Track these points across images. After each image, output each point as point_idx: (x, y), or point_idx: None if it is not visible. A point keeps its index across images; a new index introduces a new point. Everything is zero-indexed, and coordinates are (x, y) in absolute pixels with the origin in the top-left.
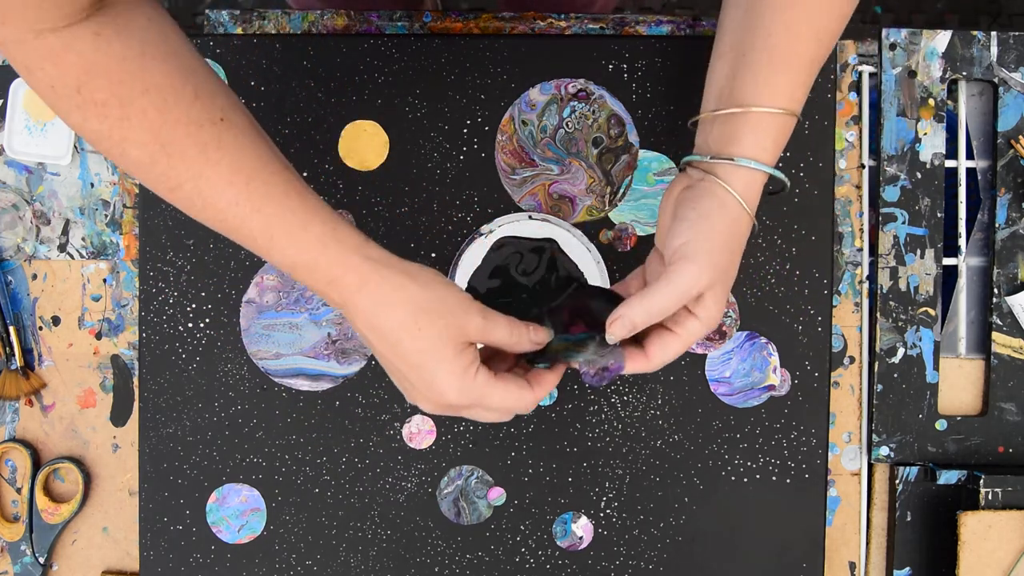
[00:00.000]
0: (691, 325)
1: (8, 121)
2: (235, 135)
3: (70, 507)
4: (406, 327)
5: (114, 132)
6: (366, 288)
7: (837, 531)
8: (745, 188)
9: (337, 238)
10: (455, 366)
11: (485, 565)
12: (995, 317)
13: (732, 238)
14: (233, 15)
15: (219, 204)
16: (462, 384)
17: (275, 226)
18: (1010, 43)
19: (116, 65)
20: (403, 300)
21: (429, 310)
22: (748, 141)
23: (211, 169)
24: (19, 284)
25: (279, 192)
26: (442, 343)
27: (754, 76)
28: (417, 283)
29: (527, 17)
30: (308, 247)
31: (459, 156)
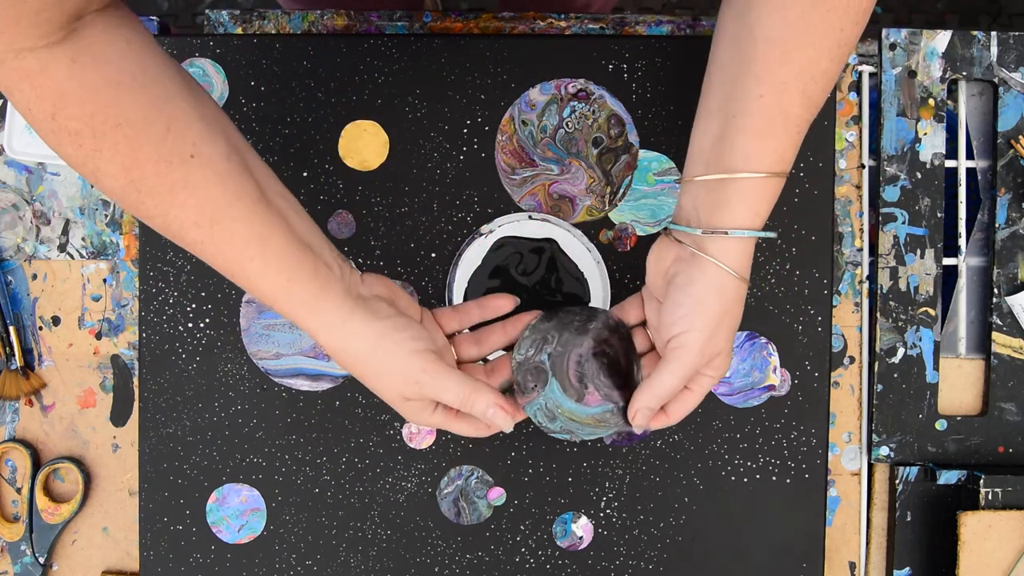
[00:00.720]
0: (704, 381)
1: (8, 121)
2: (204, 174)
3: (70, 507)
4: (359, 375)
5: (87, 162)
6: (318, 338)
7: (837, 531)
8: (739, 257)
9: (289, 292)
10: (410, 407)
11: (485, 565)
12: (995, 317)
13: (729, 311)
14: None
15: (186, 240)
16: (421, 418)
17: (235, 271)
18: (1010, 43)
19: (89, 95)
20: (353, 358)
21: (376, 370)
22: (741, 210)
23: (178, 209)
24: (19, 284)
25: (241, 240)
26: (392, 393)
27: (745, 140)
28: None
29: (527, 17)
30: (265, 295)
31: (459, 156)
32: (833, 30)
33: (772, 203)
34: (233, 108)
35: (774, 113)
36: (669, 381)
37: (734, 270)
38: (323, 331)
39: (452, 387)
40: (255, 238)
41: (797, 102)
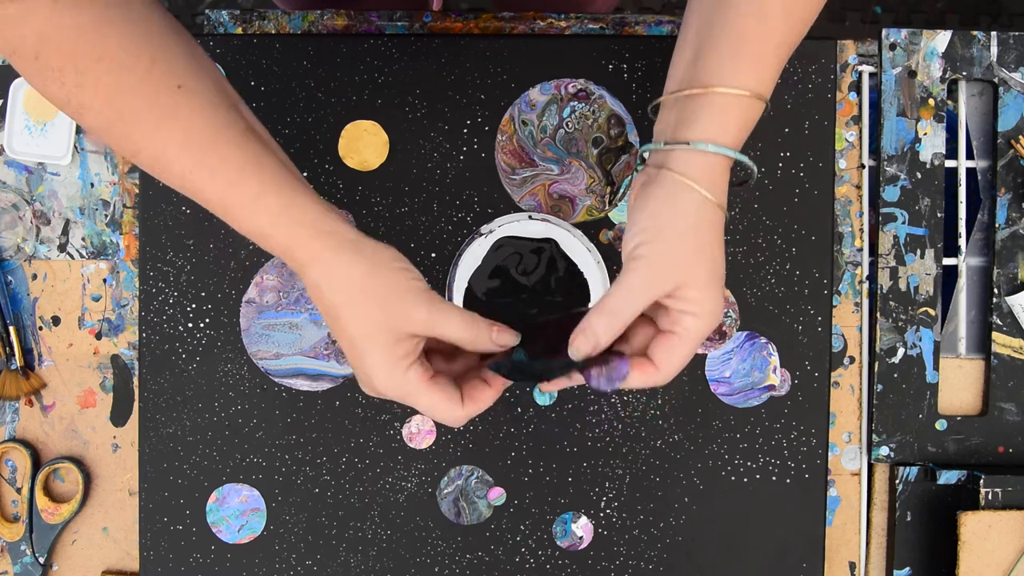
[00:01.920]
0: (687, 321)
1: (8, 121)
2: (192, 105)
3: (70, 507)
4: (347, 307)
5: (72, 98)
6: (314, 264)
7: (837, 531)
8: (704, 174)
9: (290, 213)
10: (387, 357)
11: (485, 565)
12: (995, 317)
13: (693, 229)
14: (233, 15)
15: (175, 171)
16: (391, 376)
17: (228, 197)
18: (1010, 43)
19: (71, 34)
20: (347, 281)
21: (372, 295)
22: (706, 123)
23: (166, 138)
24: (19, 284)
25: (233, 165)
26: (378, 330)
27: (719, 56)
28: (366, 264)
29: (527, 17)
30: (259, 220)
31: (459, 156)
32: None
33: (745, 126)
34: None
35: (752, 31)
36: (620, 295)
37: (700, 186)
38: (325, 254)
39: (456, 317)
40: (249, 162)
41: (779, 21)
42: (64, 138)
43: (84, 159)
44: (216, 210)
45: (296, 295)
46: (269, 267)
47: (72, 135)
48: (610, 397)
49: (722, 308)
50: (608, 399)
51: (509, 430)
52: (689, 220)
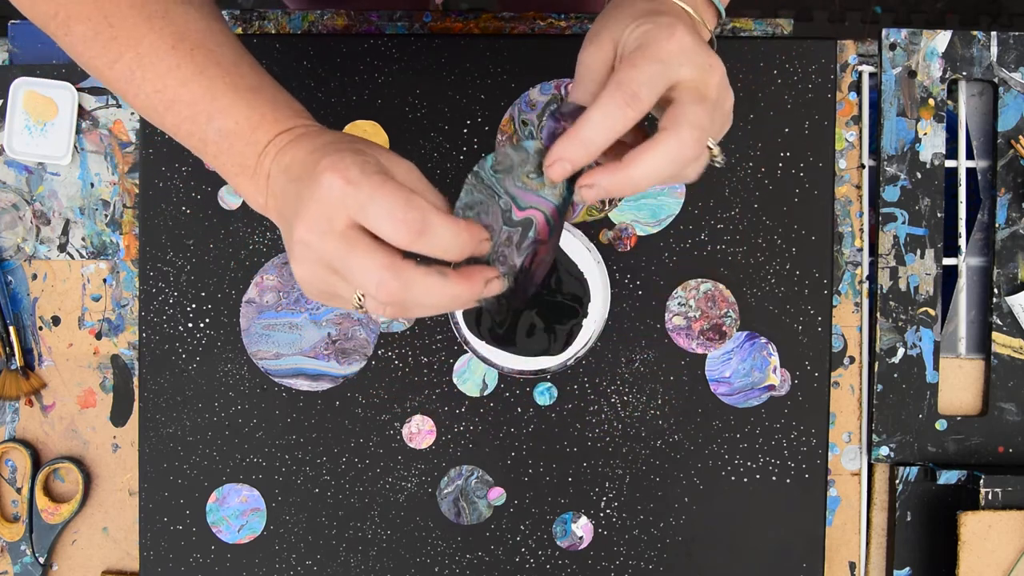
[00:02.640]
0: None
1: (8, 121)
2: (185, 8)
3: (70, 507)
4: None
5: (60, 10)
6: (307, 133)
7: (837, 531)
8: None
9: (288, 100)
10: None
11: (485, 565)
12: (995, 317)
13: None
14: (233, 15)
15: (159, 69)
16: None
17: (219, 86)
18: (1010, 43)
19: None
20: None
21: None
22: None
23: (155, 35)
24: (19, 284)
25: (228, 60)
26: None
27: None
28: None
29: (527, 17)
30: (258, 104)
31: (459, 156)
32: None
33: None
34: None
35: None
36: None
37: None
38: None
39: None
40: (246, 62)
41: None
42: (64, 138)
43: (84, 159)
44: (199, 107)
45: (296, 295)
46: (269, 267)
47: (72, 135)
48: (610, 397)
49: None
50: (608, 399)
51: (509, 430)
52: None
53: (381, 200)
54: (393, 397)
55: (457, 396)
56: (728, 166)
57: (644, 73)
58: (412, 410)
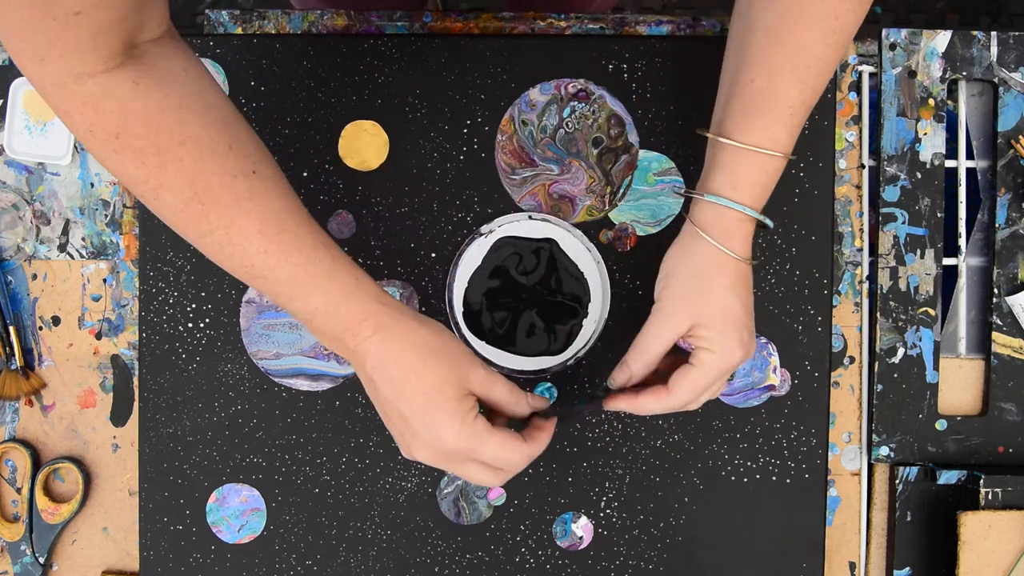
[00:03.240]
0: (701, 355)
1: (8, 121)
2: (267, 187)
3: (70, 507)
4: (414, 368)
5: (150, 178)
6: (381, 332)
7: (837, 531)
8: (714, 223)
9: (360, 287)
10: (456, 409)
11: (485, 565)
12: (995, 317)
13: (699, 275)
14: (233, 15)
15: (248, 251)
16: (461, 427)
17: (302, 275)
18: (1010, 43)
19: (155, 115)
20: (414, 344)
21: (437, 353)
22: (718, 176)
23: (243, 219)
24: (19, 284)
25: (307, 244)
26: (446, 385)
27: (733, 120)
28: (428, 329)
29: (527, 17)
30: (333, 295)
31: (459, 156)
32: (827, 18)
33: (757, 180)
34: None
35: (763, 94)
36: (646, 335)
37: (709, 235)
38: (389, 322)
39: (502, 380)
40: (320, 242)
41: (788, 83)
42: (64, 138)
43: (84, 159)
44: (283, 289)
45: None
46: None
47: (72, 135)
48: None
49: (742, 348)
50: None
51: None
52: (696, 265)
53: (493, 454)
54: None
55: None
56: None
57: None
58: None
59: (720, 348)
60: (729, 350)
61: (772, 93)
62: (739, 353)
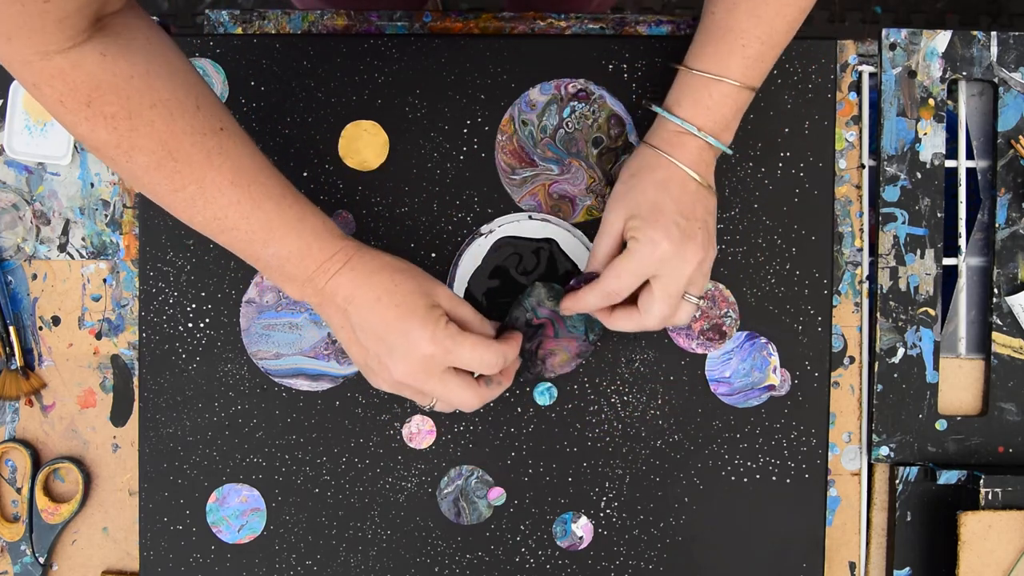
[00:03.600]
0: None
1: (8, 121)
2: (235, 143)
3: (70, 507)
4: (385, 286)
5: (123, 141)
6: (351, 262)
7: (837, 531)
8: (654, 133)
9: (327, 228)
10: (428, 316)
11: (485, 565)
12: (995, 317)
13: (635, 174)
14: (233, 15)
15: (221, 203)
16: (435, 329)
17: (275, 220)
18: (1010, 43)
19: (124, 83)
20: (382, 265)
21: (405, 271)
22: (668, 96)
23: (215, 172)
24: (19, 284)
25: (276, 192)
26: (416, 296)
27: (694, 45)
28: (392, 256)
29: (527, 17)
30: (305, 235)
31: (459, 156)
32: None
33: (698, 99)
34: (233, 108)
35: (718, 25)
36: (596, 240)
37: (653, 143)
38: (357, 254)
39: (467, 304)
40: (289, 191)
41: (742, 15)
42: (64, 138)
43: (84, 159)
44: (257, 235)
45: None
46: None
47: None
48: (610, 397)
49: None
50: (608, 399)
51: (509, 430)
52: (633, 168)
53: (469, 354)
54: (393, 397)
55: None
56: (728, 166)
57: (624, 284)
58: (412, 410)
59: (643, 236)
60: (652, 239)
61: (726, 24)
62: (664, 245)
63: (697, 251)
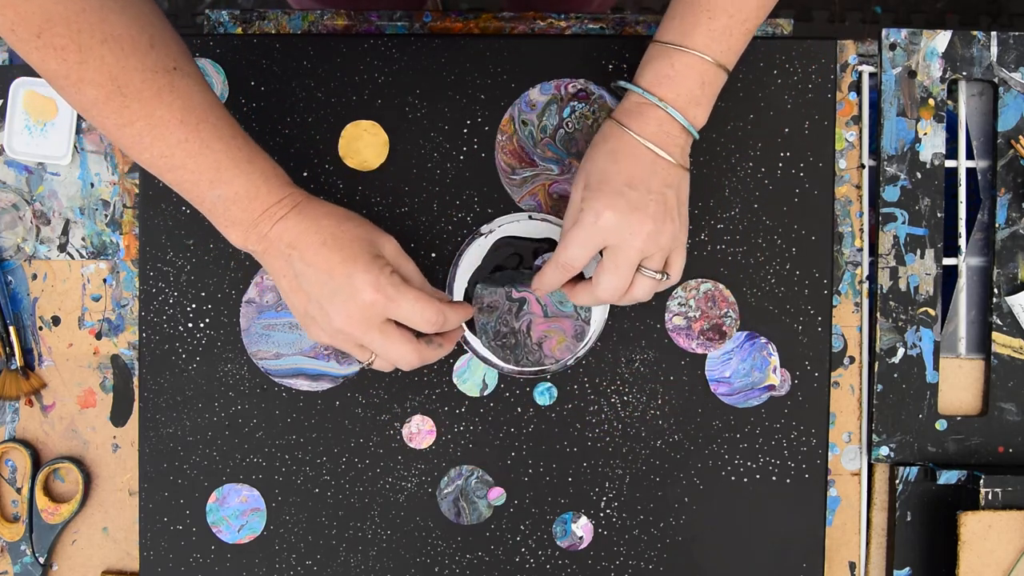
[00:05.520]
0: (580, 212)
1: (8, 121)
2: (188, 83)
3: (70, 507)
4: (330, 231)
5: (71, 73)
6: (298, 207)
7: (837, 531)
8: (619, 106)
9: (276, 173)
10: (372, 263)
11: (485, 565)
12: (995, 317)
13: (594, 144)
14: (233, 15)
15: (169, 140)
16: (379, 277)
17: (223, 160)
18: (1010, 43)
19: (75, 16)
20: (328, 212)
21: (351, 218)
22: (639, 70)
23: (164, 110)
24: (19, 284)
25: (227, 133)
26: (362, 243)
27: (664, 20)
28: (339, 207)
29: (527, 17)
30: (254, 177)
31: (459, 156)
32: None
33: (659, 70)
34: (233, 108)
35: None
36: (565, 216)
37: (615, 116)
38: (304, 200)
39: (413, 264)
40: (239, 133)
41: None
42: (64, 138)
43: (84, 159)
44: (204, 175)
45: None
46: None
47: (72, 135)
48: (610, 397)
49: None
50: (608, 399)
51: (509, 430)
52: (595, 139)
53: (410, 306)
54: (393, 397)
55: (457, 396)
56: (728, 166)
57: (573, 254)
58: (412, 410)
59: (588, 206)
60: (595, 208)
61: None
62: (607, 214)
63: (645, 221)
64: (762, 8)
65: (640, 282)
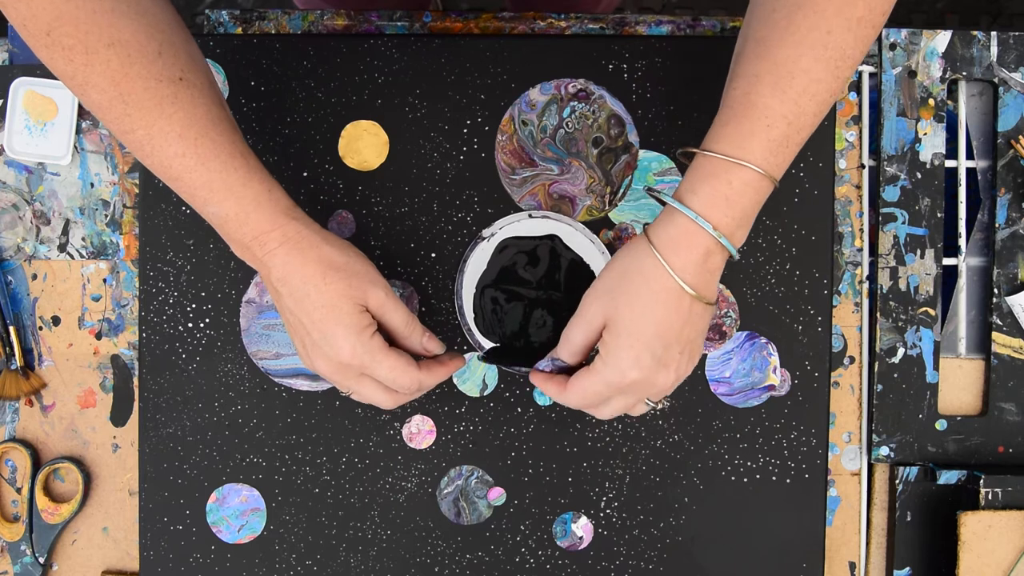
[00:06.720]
0: (597, 361)
1: (8, 121)
2: (192, 94)
3: (70, 507)
4: (314, 282)
5: (77, 74)
6: (286, 244)
7: (837, 531)
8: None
9: (272, 198)
10: (353, 322)
11: (485, 565)
12: (995, 317)
13: (628, 273)
14: (233, 15)
15: (167, 153)
16: (357, 342)
17: (216, 181)
18: (1010, 43)
19: (85, 16)
20: (316, 258)
21: (338, 270)
22: (683, 184)
23: (164, 122)
24: (19, 284)
25: (225, 152)
26: (343, 300)
27: (715, 125)
28: (331, 246)
29: (527, 17)
30: (245, 202)
31: (459, 156)
32: (817, 30)
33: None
34: (233, 108)
35: (741, 103)
36: (570, 325)
37: (652, 237)
38: (295, 236)
39: (402, 311)
40: (238, 151)
41: (767, 93)
42: (64, 138)
43: (84, 159)
44: (198, 193)
45: None
46: None
47: (72, 135)
48: None
49: (639, 370)
50: None
51: (509, 430)
52: (628, 264)
53: (384, 374)
54: None
55: (457, 396)
56: None
57: (587, 402)
58: (412, 410)
59: (612, 359)
60: (620, 365)
61: (750, 102)
62: (632, 374)
63: (668, 377)
64: (818, 116)
65: (637, 408)
